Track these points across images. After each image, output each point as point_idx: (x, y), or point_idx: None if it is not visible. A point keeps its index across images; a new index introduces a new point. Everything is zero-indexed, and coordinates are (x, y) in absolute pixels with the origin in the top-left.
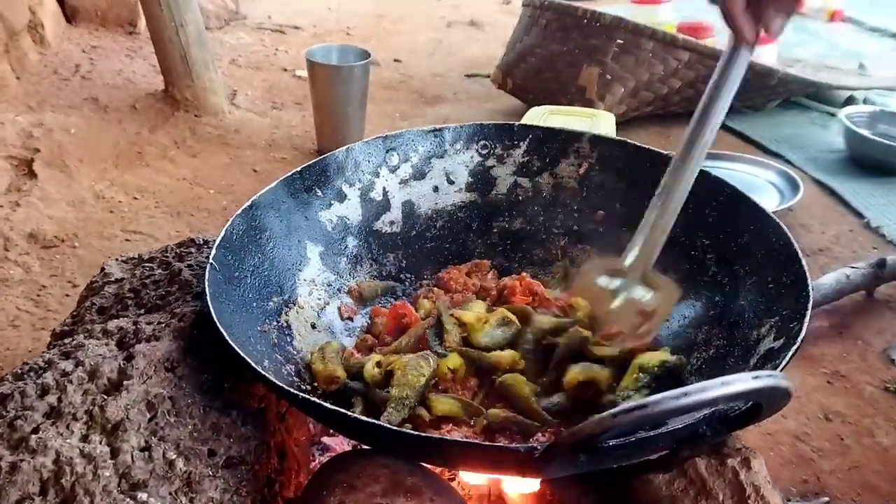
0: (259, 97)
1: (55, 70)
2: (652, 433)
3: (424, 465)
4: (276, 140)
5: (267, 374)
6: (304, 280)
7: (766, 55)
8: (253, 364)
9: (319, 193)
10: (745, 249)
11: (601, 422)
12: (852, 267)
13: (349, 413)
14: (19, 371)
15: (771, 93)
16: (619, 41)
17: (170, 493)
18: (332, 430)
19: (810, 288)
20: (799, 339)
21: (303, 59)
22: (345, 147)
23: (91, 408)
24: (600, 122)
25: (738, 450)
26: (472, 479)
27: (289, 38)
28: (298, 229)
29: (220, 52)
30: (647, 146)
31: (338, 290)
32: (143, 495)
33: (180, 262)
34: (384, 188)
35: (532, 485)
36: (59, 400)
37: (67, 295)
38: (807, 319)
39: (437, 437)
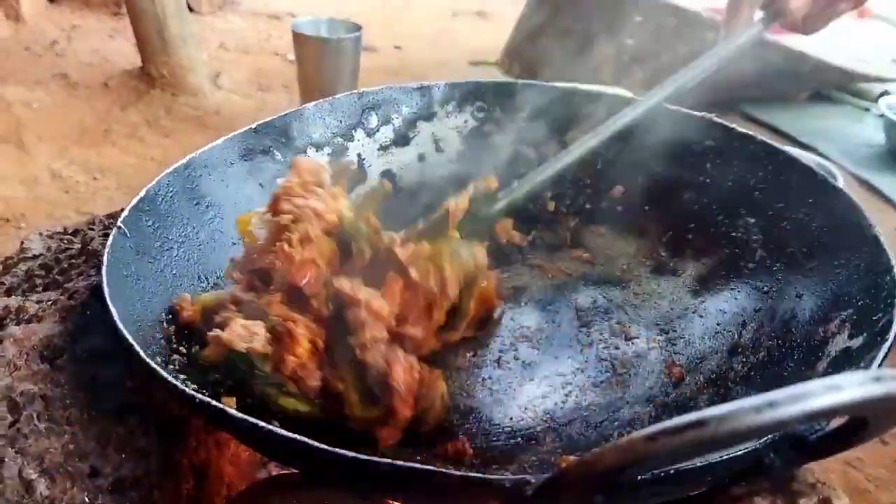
0: (245, 79)
1: (27, 46)
2: (699, 463)
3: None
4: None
5: (149, 360)
6: None
7: (799, 41)
8: (139, 349)
9: (279, 157)
10: (802, 228)
11: (629, 447)
12: None
13: (255, 422)
14: None
15: (803, 82)
16: (637, 17)
17: None
18: None
19: None
20: (891, 335)
21: None
22: (312, 103)
23: None
24: None
25: (813, 485)
26: None
27: (284, 24)
28: (250, 199)
29: (210, 37)
30: (679, 108)
31: None
32: None
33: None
34: (359, 154)
35: None
36: None
37: None
38: None
39: (386, 463)
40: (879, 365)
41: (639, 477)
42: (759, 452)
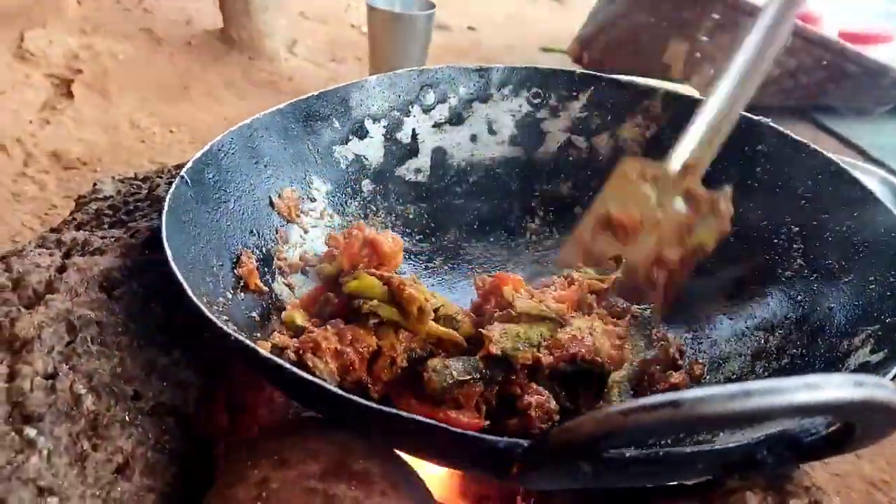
0: (320, 49)
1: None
2: (688, 449)
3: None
4: None
5: (195, 299)
6: (305, 218)
7: (882, 53)
8: (186, 287)
9: (337, 125)
10: (843, 240)
11: (605, 420)
12: None
13: (280, 362)
14: None
15: (882, 95)
16: (714, 15)
17: (69, 435)
18: None
19: None
20: None
21: None
22: (374, 76)
23: (2, 320)
24: None
25: (808, 488)
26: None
27: None
28: (305, 161)
29: (291, 4)
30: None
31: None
32: (31, 431)
33: (167, 180)
34: (414, 130)
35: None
36: None
37: None
38: None
39: (390, 412)
40: (892, 379)
41: (627, 453)
42: (752, 448)
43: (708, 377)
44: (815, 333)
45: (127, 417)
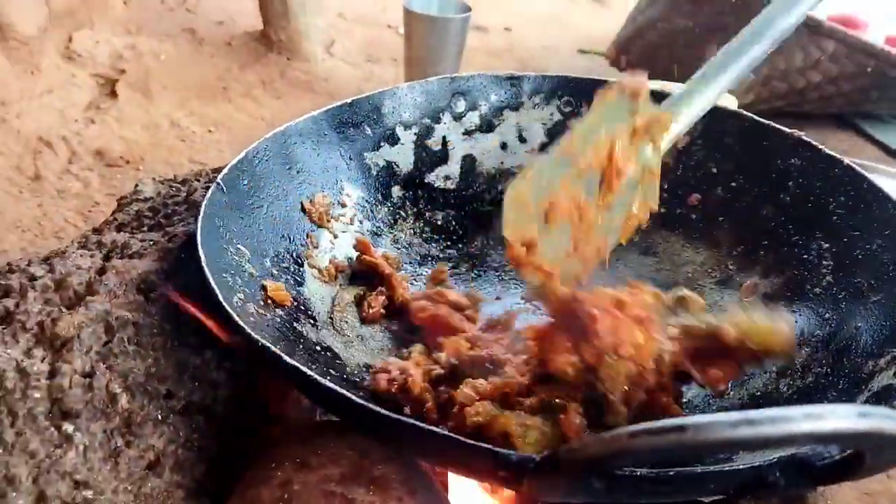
0: (356, 49)
1: (162, 0)
2: (699, 470)
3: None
4: (364, 93)
5: (225, 303)
6: (335, 223)
7: None
8: (216, 289)
9: (368, 132)
10: (873, 258)
11: (611, 441)
12: None
13: (301, 368)
14: None
15: None
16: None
17: (104, 431)
18: None
19: None
20: None
21: None
22: (406, 84)
23: (44, 319)
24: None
25: None
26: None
27: None
28: (337, 168)
29: (329, 5)
30: (769, 122)
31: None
32: (68, 427)
33: (205, 184)
34: (444, 137)
35: None
36: (17, 305)
37: None
38: None
39: (409, 422)
40: None
41: (638, 472)
42: (764, 470)
43: (732, 393)
44: (840, 353)
45: (159, 416)
